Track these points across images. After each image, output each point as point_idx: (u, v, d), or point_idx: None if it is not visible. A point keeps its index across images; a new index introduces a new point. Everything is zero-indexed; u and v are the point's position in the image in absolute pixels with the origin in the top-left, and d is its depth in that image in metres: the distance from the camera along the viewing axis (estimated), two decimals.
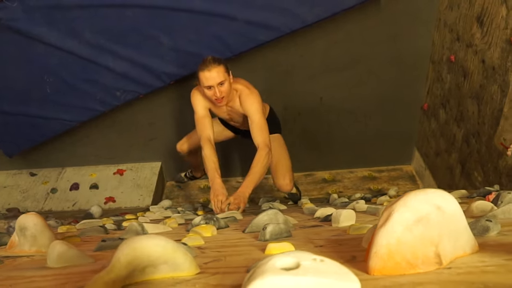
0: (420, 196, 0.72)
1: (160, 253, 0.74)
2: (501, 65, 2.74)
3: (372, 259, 0.68)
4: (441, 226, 0.71)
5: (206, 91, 2.96)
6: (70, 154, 4.36)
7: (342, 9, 3.28)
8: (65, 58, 3.48)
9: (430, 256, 0.69)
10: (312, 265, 0.52)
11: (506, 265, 0.68)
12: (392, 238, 0.68)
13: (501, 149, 2.78)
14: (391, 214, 0.70)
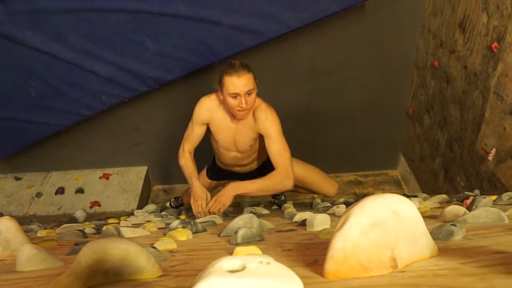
0: (377, 200, 0.73)
1: (121, 256, 0.75)
2: (482, 71, 2.76)
3: (327, 262, 0.70)
4: (398, 231, 0.72)
5: (229, 99, 2.66)
6: (56, 158, 4.35)
7: (326, 15, 3.30)
8: (50, 62, 3.46)
9: (385, 260, 0.70)
10: (257, 268, 0.53)
11: (459, 268, 0.69)
12: (348, 242, 0.69)
13: (482, 154, 2.81)
14: (348, 218, 0.72)
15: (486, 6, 2.68)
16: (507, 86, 2.49)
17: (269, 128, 2.76)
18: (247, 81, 2.59)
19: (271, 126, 2.76)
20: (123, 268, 0.76)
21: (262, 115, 2.78)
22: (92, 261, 0.72)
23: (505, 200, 1.88)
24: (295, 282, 0.52)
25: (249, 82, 2.60)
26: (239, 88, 2.58)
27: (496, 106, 2.63)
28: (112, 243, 0.74)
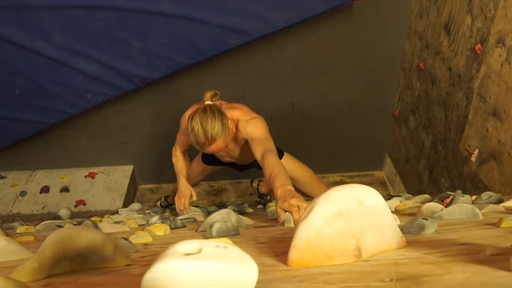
0: (342, 190, 0.73)
1: (87, 244, 0.75)
2: (466, 72, 2.78)
3: (291, 251, 0.70)
4: (363, 220, 0.72)
5: None
6: (41, 157, 4.32)
7: (312, 15, 3.31)
8: (35, 59, 3.44)
9: (350, 249, 0.70)
10: (213, 251, 0.53)
11: (421, 258, 0.70)
12: (312, 231, 0.69)
13: (466, 155, 2.82)
14: (313, 207, 0.72)
15: (470, 8, 2.70)
16: (490, 88, 2.51)
17: (252, 135, 2.54)
18: (215, 147, 2.45)
19: (255, 133, 2.53)
20: (90, 257, 0.75)
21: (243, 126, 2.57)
22: (58, 249, 0.71)
23: (485, 199, 1.89)
24: (249, 266, 0.52)
25: (217, 147, 2.46)
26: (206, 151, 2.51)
27: (479, 108, 2.65)
28: (78, 232, 0.74)
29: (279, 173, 2.10)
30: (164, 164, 2.97)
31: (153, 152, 4.32)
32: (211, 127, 2.35)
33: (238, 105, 2.69)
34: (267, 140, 2.46)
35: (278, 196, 1.90)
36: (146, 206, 4.23)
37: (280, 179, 2.04)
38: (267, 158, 2.27)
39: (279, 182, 2.02)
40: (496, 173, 2.49)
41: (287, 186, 1.97)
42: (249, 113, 2.62)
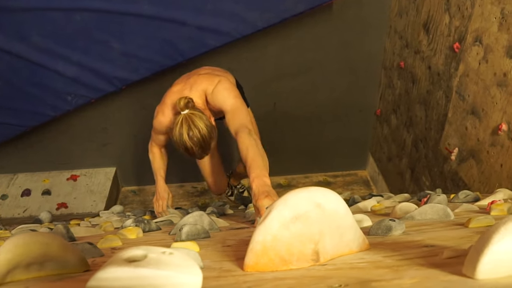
0: (300, 194, 0.72)
1: (44, 250, 0.73)
2: (445, 71, 2.79)
3: (247, 255, 0.69)
4: (322, 224, 0.72)
5: None
6: (22, 160, 4.29)
7: (292, 15, 3.31)
8: (13, 62, 3.41)
9: (308, 253, 0.70)
10: (157, 258, 0.52)
11: (379, 261, 0.69)
12: (268, 235, 0.68)
13: (446, 153, 2.83)
14: (270, 211, 0.71)
15: (448, 7, 2.71)
16: (468, 86, 2.52)
17: (221, 102, 2.49)
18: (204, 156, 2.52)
19: (222, 99, 2.49)
20: (46, 263, 0.74)
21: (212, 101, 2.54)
22: (12, 255, 0.70)
23: (462, 198, 1.90)
24: (193, 273, 0.51)
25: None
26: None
27: (458, 106, 2.66)
28: (34, 238, 0.73)
29: (254, 159, 2.02)
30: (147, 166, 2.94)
31: (135, 154, 4.29)
32: (203, 138, 2.39)
33: (200, 74, 2.68)
34: (238, 111, 2.40)
35: (253, 191, 1.85)
36: (128, 208, 4.21)
37: (256, 168, 1.96)
38: (241, 137, 2.19)
39: (254, 172, 1.94)
40: (475, 172, 2.50)
41: (263, 178, 1.91)
42: (212, 79, 2.58)
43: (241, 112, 2.39)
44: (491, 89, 2.29)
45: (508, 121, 2.16)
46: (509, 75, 2.13)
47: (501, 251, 0.51)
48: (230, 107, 2.42)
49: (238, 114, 2.37)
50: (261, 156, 2.06)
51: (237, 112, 2.39)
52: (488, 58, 2.30)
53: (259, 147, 2.13)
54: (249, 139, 2.14)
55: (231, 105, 2.43)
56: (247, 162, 2.04)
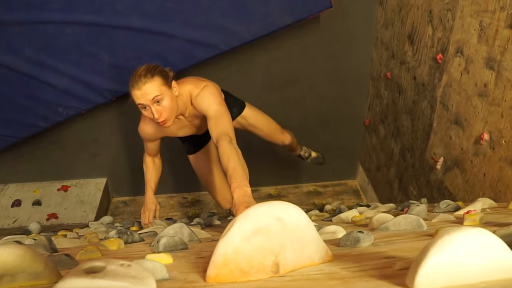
0: (261, 208, 0.75)
1: (16, 262, 0.76)
2: (429, 81, 2.84)
3: (210, 267, 0.72)
4: (283, 237, 0.75)
5: (142, 111, 2.50)
6: (13, 170, 4.30)
7: (279, 27, 3.36)
8: (5, 73, 3.45)
9: (268, 265, 0.73)
10: (115, 269, 0.55)
11: (335, 273, 0.72)
12: (230, 248, 0.71)
13: (432, 163, 2.87)
14: (232, 225, 0.74)
15: (431, 18, 2.75)
16: (452, 97, 2.56)
17: (204, 107, 2.49)
18: (150, 88, 2.35)
19: (205, 104, 2.49)
20: (18, 275, 0.77)
21: (196, 102, 2.55)
22: None
23: (443, 207, 1.92)
24: (147, 284, 0.54)
25: (153, 89, 2.36)
26: (142, 99, 2.38)
27: (442, 116, 2.69)
28: (7, 249, 0.75)
29: (235, 168, 2.04)
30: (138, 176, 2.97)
31: (126, 165, 4.31)
32: (154, 66, 2.44)
33: (186, 79, 2.71)
34: (221, 118, 2.40)
35: (234, 201, 1.87)
36: (119, 218, 4.22)
37: (237, 178, 1.98)
38: (221, 146, 2.18)
39: (236, 182, 1.95)
40: (460, 181, 2.53)
41: (244, 188, 1.93)
42: (198, 84, 2.61)
43: (224, 119, 2.40)
44: (473, 99, 2.33)
45: (490, 130, 2.20)
46: (489, 85, 2.17)
47: (437, 263, 0.54)
48: (213, 113, 2.43)
49: (220, 121, 2.38)
50: (241, 165, 2.08)
51: (220, 119, 2.39)
52: (469, 69, 2.34)
53: (240, 156, 2.14)
54: (230, 148, 2.15)
55: (215, 111, 2.43)
56: (228, 171, 2.05)
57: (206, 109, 2.47)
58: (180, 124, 2.76)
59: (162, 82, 2.40)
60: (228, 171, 2.05)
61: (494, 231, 0.86)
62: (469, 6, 2.31)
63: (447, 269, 0.54)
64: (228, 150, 2.15)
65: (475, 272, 0.55)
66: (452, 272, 0.55)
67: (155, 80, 2.37)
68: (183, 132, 2.85)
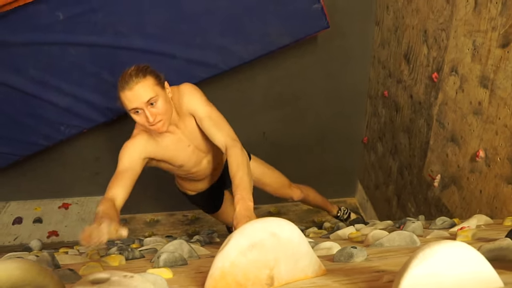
0: (256, 224, 0.79)
1: (22, 275, 0.79)
2: (425, 100, 2.88)
3: (207, 280, 0.76)
4: (277, 251, 0.79)
5: (134, 117, 2.23)
6: (15, 188, 4.34)
7: (278, 47, 3.42)
8: (8, 93, 3.50)
9: (263, 278, 0.76)
10: (119, 280, 0.59)
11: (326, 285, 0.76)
12: (227, 261, 0.75)
13: (429, 180, 2.90)
14: (229, 240, 0.78)
15: (426, 38, 2.81)
16: (448, 115, 2.60)
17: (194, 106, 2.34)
18: (142, 90, 2.12)
19: (195, 103, 2.34)
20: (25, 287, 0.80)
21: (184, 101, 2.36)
22: None
23: (439, 224, 1.96)
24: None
25: (146, 90, 2.13)
26: (135, 102, 2.13)
27: (439, 134, 2.73)
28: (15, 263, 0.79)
29: (242, 179, 2.00)
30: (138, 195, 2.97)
31: None
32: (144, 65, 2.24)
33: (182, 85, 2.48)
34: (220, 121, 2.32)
35: (236, 213, 1.83)
36: None
37: (242, 190, 1.94)
38: (233, 153, 2.13)
39: (240, 194, 1.92)
40: (457, 198, 2.56)
41: (248, 202, 1.89)
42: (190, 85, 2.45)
43: (224, 122, 2.34)
44: (468, 117, 2.37)
45: (485, 148, 2.24)
46: (483, 103, 2.21)
47: (419, 275, 0.58)
48: (207, 113, 2.33)
49: (222, 124, 2.32)
50: (248, 177, 2.04)
51: (220, 122, 2.32)
52: (464, 88, 2.38)
53: (249, 166, 2.11)
54: (241, 156, 2.12)
55: (209, 112, 2.33)
56: (234, 180, 2.01)
57: (194, 105, 2.34)
58: (176, 138, 2.44)
59: (155, 82, 2.19)
60: (235, 180, 2.01)
61: (480, 246, 0.90)
62: (462, 26, 2.36)
63: (428, 280, 0.58)
64: (239, 158, 2.11)
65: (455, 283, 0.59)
66: (432, 283, 0.58)
67: (148, 80, 2.16)
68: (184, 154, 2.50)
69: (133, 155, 2.33)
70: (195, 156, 2.56)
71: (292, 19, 3.33)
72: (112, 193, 2.19)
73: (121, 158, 2.35)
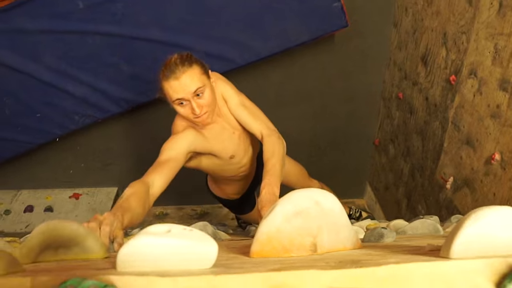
0: (302, 192, 0.81)
1: (71, 236, 0.82)
2: (441, 102, 2.89)
3: (254, 244, 0.78)
4: (320, 220, 0.81)
5: (178, 108, 2.11)
6: (27, 177, 4.37)
7: (295, 45, 3.43)
8: (26, 81, 3.51)
9: (306, 244, 0.79)
10: (180, 232, 0.61)
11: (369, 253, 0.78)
12: (272, 227, 0.77)
13: (441, 182, 2.92)
14: (275, 207, 0.80)
15: (445, 41, 2.82)
16: (464, 117, 2.61)
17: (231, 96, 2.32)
18: (189, 79, 2.01)
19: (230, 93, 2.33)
20: (72, 248, 0.83)
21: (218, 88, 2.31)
22: (43, 237, 0.79)
23: (454, 222, 1.98)
24: (210, 244, 0.60)
25: (193, 80, 2.02)
26: (182, 92, 2.02)
27: (453, 136, 2.75)
28: (62, 223, 0.81)
29: (275, 165, 1.96)
30: None
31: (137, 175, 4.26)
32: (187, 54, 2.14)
33: None
34: (256, 110, 2.32)
35: (261, 197, 1.81)
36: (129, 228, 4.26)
37: (272, 175, 1.89)
38: (270, 140, 2.14)
39: (269, 179, 1.87)
40: (470, 200, 2.57)
41: (274, 187, 1.85)
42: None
43: (260, 112, 2.33)
44: (485, 120, 2.38)
45: (501, 151, 2.25)
46: (502, 106, 2.23)
47: (472, 234, 0.60)
48: (241, 102, 2.31)
49: (258, 113, 2.31)
50: (281, 165, 2.00)
51: (256, 111, 2.32)
52: (482, 91, 2.40)
53: (283, 155, 2.10)
54: (278, 145, 2.13)
55: (243, 100, 2.32)
56: (267, 165, 1.97)
57: (227, 91, 2.33)
58: (220, 127, 2.35)
59: (202, 71, 2.09)
60: (267, 166, 1.97)
61: None
62: (484, 30, 2.38)
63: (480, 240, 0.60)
64: (276, 146, 2.11)
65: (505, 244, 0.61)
66: (484, 243, 0.60)
67: (194, 69, 2.05)
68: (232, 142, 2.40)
69: (180, 147, 2.15)
70: (243, 143, 2.48)
71: (311, 16, 3.34)
72: (150, 178, 1.98)
73: (165, 149, 2.14)
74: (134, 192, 1.78)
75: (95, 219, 1.39)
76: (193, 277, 0.52)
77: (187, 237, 0.60)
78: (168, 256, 0.58)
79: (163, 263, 0.58)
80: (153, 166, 2.08)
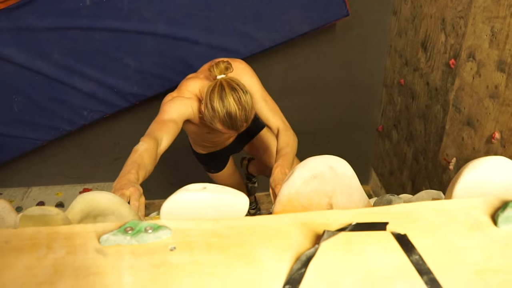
0: (316, 158, 0.90)
1: (107, 205, 0.90)
2: (442, 86, 2.97)
3: (276, 205, 0.86)
4: (335, 183, 0.89)
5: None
6: (36, 174, 4.43)
7: (297, 35, 3.50)
8: (34, 78, 3.58)
9: (323, 204, 0.87)
10: (215, 188, 0.69)
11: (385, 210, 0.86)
12: (292, 189, 0.85)
13: (444, 164, 2.99)
14: (293, 172, 0.88)
15: (443, 26, 2.89)
16: (464, 99, 2.69)
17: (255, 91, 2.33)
18: (243, 128, 2.17)
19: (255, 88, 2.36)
20: (109, 217, 0.91)
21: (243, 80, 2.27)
22: (83, 206, 0.87)
23: None
24: (242, 198, 0.68)
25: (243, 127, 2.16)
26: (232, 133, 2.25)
27: (455, 118, 2.82)
28: (100, 194, 0.90)
29: (288, 154, 2.07)
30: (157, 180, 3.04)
31: None
32: (246, 102, 2.09)
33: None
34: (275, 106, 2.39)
35: (273, 176, 1.91)
36: None
37: (284, 161, 1.99)
38: (286, 134, 2.22)
39: (280, 161, 1.99)
40: None
41: (286, 169, 1.93)
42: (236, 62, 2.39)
43: (278, 109, 2.41)
44: (484, 101, 2.46)
45: (501, 129, 2.33)
46: (500, 87, 2.30)
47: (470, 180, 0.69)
48: (264, 97, 2.37)
49: (277, 109, 2.40)
50: (293, 156, 2.12)
51: (275, 108, 2.40)
52: (481, 73, 2.47)
53: (295, 150, 2.20)
54: (293, 139, 2.23)
55: (265, 96, 2.39)
56: (280, 152, 2.08)
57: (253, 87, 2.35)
58: None
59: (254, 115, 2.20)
60: (281, 152, 2.08)
61: None
62: (481, 13, 2.45)
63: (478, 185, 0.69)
64: (291, 139, 2.21)
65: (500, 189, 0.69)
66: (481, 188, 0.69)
67: (250, 120, 2.17)
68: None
69: (182, 113, 2.22)
70: None
71: (312, 6, 3.41)
72: (159, 135, 2.01)
73: (168, 109, 2.19)
74: (147, 148, 1.86)
75: (122, 195, 1.51)
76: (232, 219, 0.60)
77: (221, 193, 0.68)
78: (205, 209, 0.66)
79: (201, 216, 0.66)
80: (158, 123, 2.15)
